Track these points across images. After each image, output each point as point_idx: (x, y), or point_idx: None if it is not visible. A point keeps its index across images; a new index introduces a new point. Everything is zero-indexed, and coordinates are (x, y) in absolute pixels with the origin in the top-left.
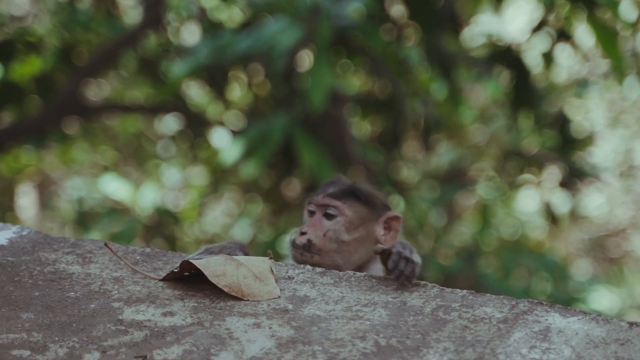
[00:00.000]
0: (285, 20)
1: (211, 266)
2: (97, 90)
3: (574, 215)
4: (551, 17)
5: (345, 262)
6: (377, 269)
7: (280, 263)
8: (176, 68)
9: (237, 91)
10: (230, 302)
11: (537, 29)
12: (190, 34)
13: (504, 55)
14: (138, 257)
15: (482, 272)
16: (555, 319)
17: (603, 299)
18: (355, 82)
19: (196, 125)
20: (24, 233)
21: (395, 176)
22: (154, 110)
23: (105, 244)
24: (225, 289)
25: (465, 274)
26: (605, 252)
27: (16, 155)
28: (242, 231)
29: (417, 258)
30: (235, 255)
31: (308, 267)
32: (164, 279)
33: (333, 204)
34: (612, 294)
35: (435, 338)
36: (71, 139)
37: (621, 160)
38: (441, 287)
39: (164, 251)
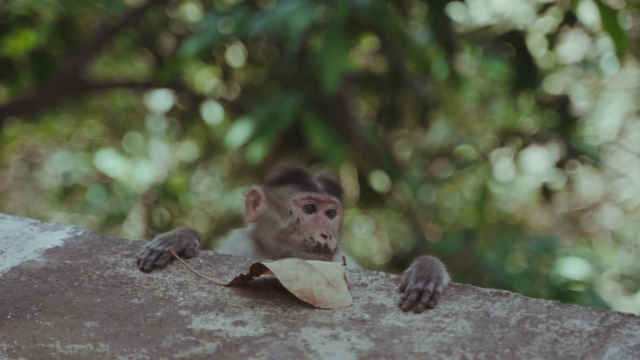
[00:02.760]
0: (300, 1)
1: (284, 270)
2: (91, 67)
3: (569, 194)
4: None
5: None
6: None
7: (352, 269)
8: (185, 46)
9: (235, 66)
10: (303, 310)
11: (543, 10)
12: (192, 11)
13: (509, 36)
14: (201, 261)
15: (480, 252)
16: None
17: (575, 268)
18: (357, 60)
19: (190, 101)
20: (79, 233)
21: (394, 155)
22: (148, 86)
23: (170, 251)
24: (297, 295)
25: (462, 254)
26: (578, 225)
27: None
28: (229, 206)
29: (433, 285)
30: (193, 241)
31: (381, 273)
32: (230, 285)
33: (336, 202)
34: (584, 263)
35: (525, 353)
36: (59, 112)
37: (599, 136)
38: (524, 297)
39: (227, 255)
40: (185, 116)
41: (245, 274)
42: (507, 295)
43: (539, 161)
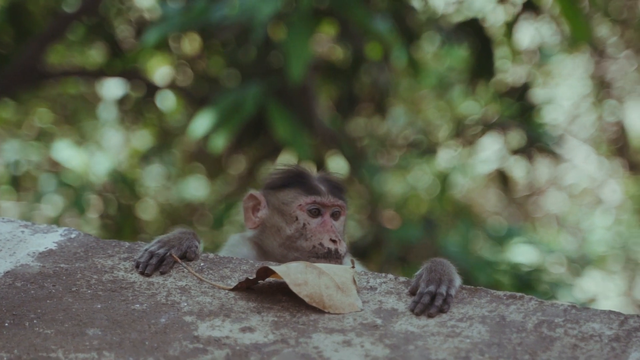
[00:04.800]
0: None
1: (292, 274)
2: (45, 55)
3: (519, 179)
4: None
5: None
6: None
7: (360, 272)
8: (146, 36)
9: (192, 55)
10: (312, 316)
11: None
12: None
13: (469, 25)
14: (202, 264)
15: (441, 241)
16: None
17: (530, 255)
18: (317, 48)
19: (144, 88)
20: (73, 236)
21: (354, 143)
22: (101, 74)
23: (171, 254)
24: (306, 299)
25: (424, 243)
26: (523, 210)
27: None
28: (183, 196)
29: (446, 288)
30: (194, 243)
31: (390, 276)
32: (234, 289)
33: (341, 205)
34: (532, 248)
35: (545, 359)
36: (11, 101)
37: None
38: (539, 300)
39: (229, 257)
40: (139, 104)
41: (250, 277)
42: (521, 298)
43: (494, 148)
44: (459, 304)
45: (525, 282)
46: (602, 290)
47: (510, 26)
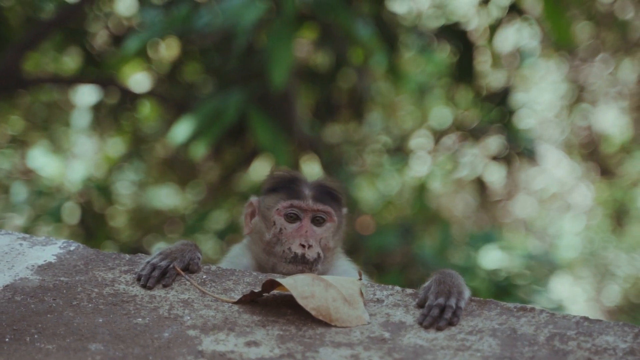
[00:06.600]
0: None
1: (299, 286)
2: (23, 63)
3: (504, 187)
4: None
5: (323, 271)
6: (338, 271)
7: (366, 283)
8: (127, 43)
9: (170, 61)
10: (319, 329)
11: (486, 1)
12: (126, 5)
13: (451, 29)
14: (204, 277)
15: (417, 248)
16: None
17: (497, 259)
18: (298, 53)
19: (120, 95)
20: (72, 248)
21: (331, 148)
22: (77, 81)
23: (174, 267)
24: (313, 312)
25: (400, 249)
26: (492, 215)
27: None
28: (155, 203)
29: (455, 300)
30: (197, 255)
31: (397, 288)
32: (238, 302)
33: (324, 210)
34: (506, 254)
35: None
36: None
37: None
38: (550, 312)
39: (231, 269)
40: (114, 111)
41: (255, 290)
42: (532, 310)
43: (472, 153)
44: (468, 316)
45: (503, 288)
46: (571, 295)
47: (493, 30)
